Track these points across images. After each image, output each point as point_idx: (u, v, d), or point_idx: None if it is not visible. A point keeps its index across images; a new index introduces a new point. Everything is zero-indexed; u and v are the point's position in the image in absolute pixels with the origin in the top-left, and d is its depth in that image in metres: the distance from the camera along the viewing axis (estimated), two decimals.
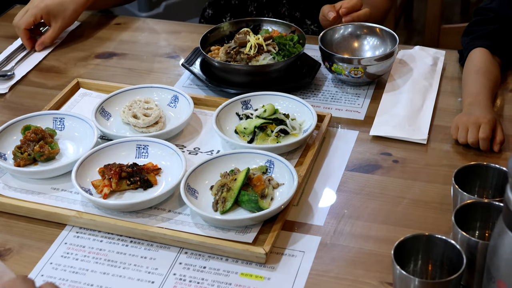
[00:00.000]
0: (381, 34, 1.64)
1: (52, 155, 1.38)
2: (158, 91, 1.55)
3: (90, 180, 1.31)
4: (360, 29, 1.65)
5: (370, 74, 1.55)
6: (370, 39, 1.65)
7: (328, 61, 1.56)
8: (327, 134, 1.46)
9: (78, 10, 1.80)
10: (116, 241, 1.23)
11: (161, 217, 1.26)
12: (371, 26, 1.65)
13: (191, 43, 1.81)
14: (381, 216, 1.26)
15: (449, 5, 3.80)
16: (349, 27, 1.65)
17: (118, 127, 1.48)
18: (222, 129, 1.43)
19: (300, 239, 1.22)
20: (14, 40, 1.86)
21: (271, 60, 1.57)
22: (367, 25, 1.65)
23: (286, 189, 1.28)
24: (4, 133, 1.42)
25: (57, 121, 1.47)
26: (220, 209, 1.24)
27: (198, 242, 1.19)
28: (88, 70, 1.73)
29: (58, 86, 1.66)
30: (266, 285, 1.14)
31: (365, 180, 1.35)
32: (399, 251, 1.06)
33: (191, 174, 1.29)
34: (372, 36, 1.65)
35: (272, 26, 1.70)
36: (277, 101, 1.48)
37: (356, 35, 1.66)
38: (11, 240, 1.24)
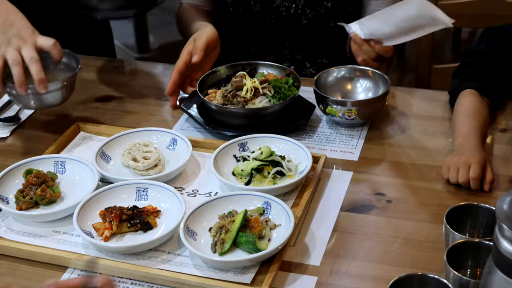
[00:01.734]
0: (373, 76, 1.69)
1: (53, 199, 1.41)
2: (157, 134, 1.59)
3: (91, 223, 1.34)
4: (353, 72, 1.71)
5: (363, 115, 1.60)
6: (363, 82, 1.70)
7: (323, 103, 1.61)
8: (322, 175, 1.50)
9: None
10: (117, 283, 1.26)
11: (161, 259, 1.29)
12: (364, 69, 1.70)
13: None
14: (376, 256, 1.29)
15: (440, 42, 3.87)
16: (342, 70, 1.71)
17: (118, 170, 1.51)
18: (220, 171, 1.46)
19: (297, 279, 1.25)
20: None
21: (267, 103, 1.61)
22: (360, 68, 1.70)
23: (283, 230, 1.31)
24: (6, 177, 1.46)
25: (58, 165, 1.50)
26: (219, 250, 1.27)
27: (197, 283, 1.22)
28: (88, 113, 1.77)
29: (58, 130, 1.70)
30: None
31: (359, 220, 1.38)
32: None
33: (190, 216, 1.32)
34: (365, 79, 1.70)
35: (267, 69, 1.75)
36: (273, 143, 1.52)
37: (349, 78, 1.71)
38: (14, 283, 1.27)
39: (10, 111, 1.78)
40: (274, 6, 1.91)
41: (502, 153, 1.54)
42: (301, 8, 1.90)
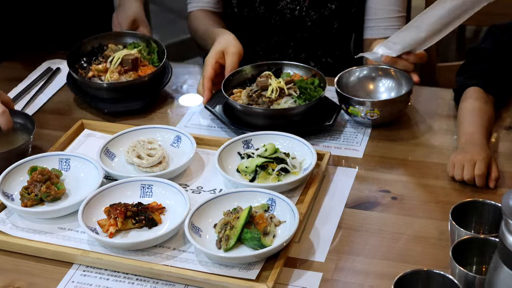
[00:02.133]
0: (396, 76, 1.66)
1: (58, 196, 1.41)
2: (161, 132, 1.59)
3: (96, 220, 1.35)
4: (375, 71, 1.68)
5: (385, 116, 1.58)
6: (385, 81, 1.67)
7: (345, 103, 1.59)
8: (327, 172, 1.50)
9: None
10: (122, 279, 1.26)
11: (166, 255, 1.29)
12: (386, 69, 1.67)
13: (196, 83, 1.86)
14: (381, 252, 1.29)
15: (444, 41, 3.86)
16: (365, 70, 1.68)
17: (122, 167, 1.51)
18: (224, 168, 1.46)
19: (302, 275, 1.25)
20: (18, 83, 1.90)
21: (293, 103, 1.60)
22: (382, 67, 1.67)
23: (288, 226, 1.31)
24: (11, 174, 1.46)
25: (63, 162, 1.50)
26: (224, 246, 1.27)
27: (202, 279, 1.22)
28: (91, 110, 1.77)
29: (62, 127, 1.70)
30: None
31: (364, 217, 1.38)
32: (399, 286, 1.08)
33: (195, 213, 1.32)
34: (387, 78, 1.67)
35: (293, 69, 1.72)
36: (278, 140, 1.52)
37: (372, 77, 1.68)
38: (20, 279, 1.27)
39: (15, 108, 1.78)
40: (278, 8, 1.91)
41: (507, 150, 1.54)
42: (305, 10, 1.90)
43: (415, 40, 1.60)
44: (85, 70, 1.77)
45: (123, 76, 1.71)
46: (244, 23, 1.97)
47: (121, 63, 1.73)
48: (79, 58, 1.79)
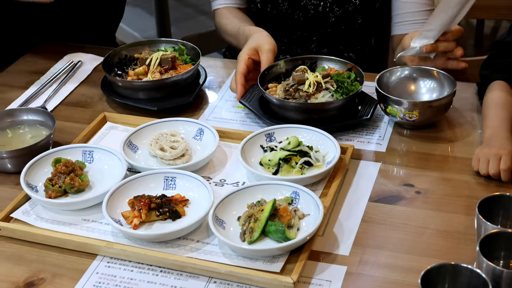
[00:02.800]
0: (438, 77, 1.63)
1: (82, 187, 1.42)
2: (184, 124, 1.59)
3: (120, 211, 1.35)
4: (417, 71, 1.65)
5: (424, 118, 1.55)
6: (427, 82, 1.64)
7: (384, 102, 1.57)
8: (350, 166, 1.49)
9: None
10: (147, 271, 1.26)
11: (190, 247, 1.29)
12: (428, 69, 1.64)
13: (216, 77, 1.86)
14: (405, 246, 1.29)
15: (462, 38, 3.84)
16: (406, 70, 1.65)
17: (145, 160, 1.52)
18: (247, 161, 1.46)
19: (326, 269, 1.25)
20: (41, 76, 1.91)
21: (330, 97, 1.59)
22: (424, 68, 1.64)
23: (312, 219, 1.31)
24: (35, 166, 1.46)
25: (87, 154, 1.51)
26: (248, 239, 1.27)
27: (227, 271, 1.22)
28: (114, 103, 1.77)
29: (84, 120, 1.71)
30: None
31: (388, 211, 1.37)
32: (426, 280, 1.08)
33: (219, 205, 1.32)
34: (429, 79, 1.64)
35: (328, 63, 1.71)
36: (301, 134, 1.52)
37: (413, 78, 1.65)
38: (44, 270, 1.28)
39: (37, 102, 1.79)
40: (302, 4, 1.90)
41: None
42: (329, 6, 1.89)
43: (447, 19, 1.58)
44: (121, 77, 1.77)
45: (164, 75, 1.71)
46: (267, 18, 1.96)
47: (160, 63, 1.73)
48: (110, 69, 1.79)
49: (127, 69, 1.80)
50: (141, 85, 1.71)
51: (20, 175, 1.43)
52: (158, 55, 1.75)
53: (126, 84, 1.72)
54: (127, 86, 1.72)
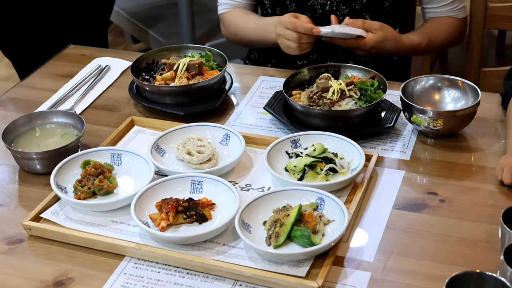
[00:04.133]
0: (462, 86, 1.64)
1: (110, 189, 1.45)
2: (211, 129, 1.61)
3: (148, 214, 1.37)
4: (442, 81, 1.66)
5: (449, 127, 1.56)
6: (452, 92, 1.65)
7: (408, 111, 1.58)
8: (374, 173, 1.51)
9: None
10: (173, 272, 1.28)
11: (216, 250, 1.31)
12: (453, 79, 1.65)
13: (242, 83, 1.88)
14: (429, 254, 1.30)
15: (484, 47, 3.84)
16: (431, 79, 1.67)
17: (172, 163, 1.54)
18: (272, 167, 1.48)
19: (351, 274, 1.26)
20: (69, 79, 1.94)
21: (354, 105, 1.61)
22: (449, 78, 1.66)
23: (337, 225, 1.32)
24: (64, 168, 1.49)
25: (115, 157, 1.53)
26: (273, 243, 1.29)
27: (252, 274, 1.24)
28: (139, 108, 1.80)
29: (112, 123, 1.74)
30: None
31: (412, 219, 1.39)
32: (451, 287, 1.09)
33: (245, 209, 1.34)
34: (454, 89, 1.65)
35: (352, 71, 1.74)
36: (326, 141, 1.54)
37: (438, 87, 1.66)
38: (73, 270, 1.30)
39: (65, 105, 1.82)
40: (309, 5, 1.92)
41: None
42: (336, 5, 1.91)
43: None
44: (149, 81, 1.80)
45: (191, 81, 1.74)
46: None
47: (187, 69, 1.76)
48: (138, 74, 1.82)
49: (155, 74, 1.82)
50: (169, 90, 1.74)
51: (50, 176, 1.47)
52: (185, 60, 1.77)
53: (154, 88, 1.75)
54: (155, 90, 1.75)
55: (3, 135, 1.58)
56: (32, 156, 1.54)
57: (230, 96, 1.83)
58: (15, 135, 1.61)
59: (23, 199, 1.50)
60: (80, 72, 1.98)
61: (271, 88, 1.85)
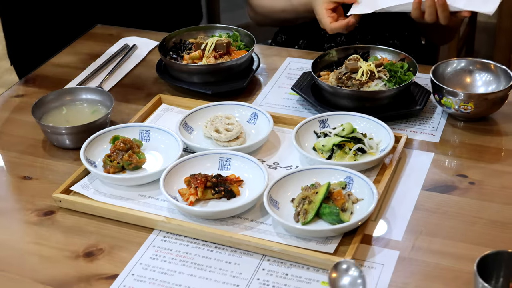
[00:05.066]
0: (495, 70, 1.62)
1: (139, 164, 1.45)
2: (239, 108, 1.61)
3: (176, 188, 1.38)
4: (473, 64, 1.65)
5: (480, 110, 1.54)
6: (483, 75, 1.64)
7: (439, 93, 1.57)
8: (403, 155, 1.50)
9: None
10: (202, 246, 1.29)
11: (244, 226, 1.31)
12: (485, 62, 1.64)
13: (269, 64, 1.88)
14: (458, 235, 1.29)
15: None
16: (462, 62, 1.65)
17: (200, 141, 1.54)
18: (300, 146, 1.48)
19: (379, 252, 1.26)
20: (96, 58, 1.95)
21: (383, 86, 1.60)
22: (481, 61, 1.64)
23: (366, 204, 1.32)
24: (94, 142, 1.50)
25: (143, 133, 1.54)
26: (302, 220, 1.29)
27: (280, 250, 1.24)
28: (166, 87, 1.80)
29: (139, 102, 1.74)
30: None
31: (441, 200, 1.38)
32: (481, 267, 1.09)
33: (274, 186, 1.34)
34: (485, 72, 1.63)
35: (381, 53, 1.73)
36: (355, 121, 1.53)
37: (469, 70, 1.65)
38: (103, 241, 1.31)
39: (93, 83, 1.83)
40: None
41: None
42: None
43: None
44: (176, 60, 1.80)
45: (218, 60, 1.74)
46: None
47: (215, 48, 1.76)
48: (165, 53, 1.83)
49: (182, 53, 1.83)
50: (196, 69, 1.74)
51: (78, 151, 1.48)
52: (213, 40, 1.77)
53: (182, 67, 1.75)
54: (182, 69, 1.75)
55: (33, 109, 1.59)
56: (61, 131, 1.55)
57: (257, 76, 1.83)
58: (44, 110, 1.63)
59: (53, 173, 1.51)
60: (108, 51, 1.99)
61: (298, 69, 1.85)
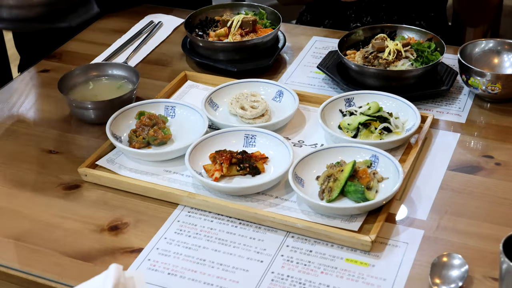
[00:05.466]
0: None
1: (165, 140, 1.46)
2: (264, 86, 1.61)
3: (201, 164, 1.38)
4: (501, 45, 1.63)
5: (508, 91, 1.53)
6: (511, 56, 1.62)
7: (466, 74, 1.56)
8: (429, 135, 1.49)
9: None
10: (226, 222, 1.29)
11: (268, 203, 1.31)
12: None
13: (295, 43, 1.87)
14: (484, 215, 1.29)
15: None
16: (490, 43, 1.64)
17: (225, 118, 1.54)
18: (326, 124, 1.48)
19: (404, 231, 1.26)
20: (122, 34, 1.95)
21: (410, 66, 1.59)
22: (509, 42, 1.63)
23: (391, 183, 1.32)
24: (120, 118, 1.51)
25: (169, 109, 1.54)
26: (326, 197, 1.29)
27: (305, 227, 1.24)
28: (192, 64, 1.80)
29: (164, 78, 1.75)
30: (371, 272, 1.18)
31: (467, 180, 1.37)
32: (507, 247, 1.08)
33: (299, 164, 1.34)
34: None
35: (408, 33, 1.71)
36: (381, 100, 1.52)
37: (497, 51, 1.63)
38: (128, 215, 1.32)
39: (118, 59, 1.84)
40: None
41: None
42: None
43: None
44: (202, 37, 1.79)
45: (244, 38, 1.74)
46: None
47: (241, 25, 1.75)
48: (191, 30, 1.82)
49: (208, 31, 1.82)
50: (222, 46, 1.74)
51: (103, 126, 1.48)
52: (239, 17, 1.77)
53: (207, 44, 1.75)
54: (208, 46, 1.75)
55: (59, 84, 1.60)
56: (87, 106, 1.56)
57: (283, 55, 1.83)
58: (70, 85, 1.63)
59: (78, 148, 1.52)
60: (133, 28, 1.99)
61: (324, 48, 1.84)
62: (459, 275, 1.14)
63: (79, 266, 1.22)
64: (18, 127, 1.59)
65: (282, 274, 1.18)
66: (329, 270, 1.18)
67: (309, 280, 1.17)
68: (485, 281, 1.15)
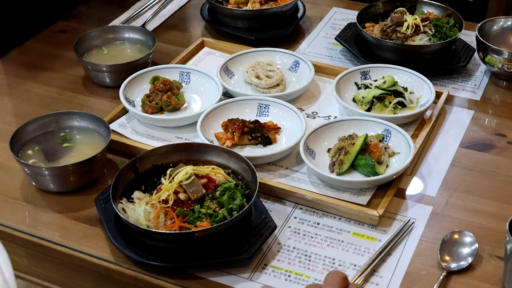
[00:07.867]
0: None
1: (178, 106, 1.46)
2: (281, 55, 1.60)
3: (213, 132, 1.39)
4: None
5: None
6: None
7: (483, 51, 1.55)
8: (443, 111, 1.49)
9: None
10: None
11: (278, 173, 1.32)
12: None
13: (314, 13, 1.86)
14: (493, 194, 1.28)
15: None
16: (509, 21, 1.63)
17: (240, 86, 1.54)
18: (340, 96, 1.47)
19: (412, 207, 1.26)
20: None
21: (427, 41, 1.58)
22: None
23: (402, 158, 1.31)
24: (134, 82, 1.51)
25: (184, 75, 1.54)
26: (337, 170, 1.29)
27: (313, 199, 1.25)
28: (210, 31, 1.79)
29: (181, 43, 1.75)
30: (377, 246, 1.18)
31: (478, 158, 1.37)
32: None
33: (310, 135, 1.34)
34: None
35: (428, 7, 1.70)
36: (397, 74, 1.51)
37: None
38: None
39: (137, 22, 1.84)
40: None
41: None
42: None
43: None
44: (222, 4, 1.78)
45: (264, 6, 1.73)
46: None
47: None
48: None
49: None
50: (241, 13, 1.73)
51: (118, 90, 1.49)
52: None
53: (226, 11, 1.74)
54: (227, 13, 1.74)
55: (75, 46, 1.61)
56: (102, 69, 1.56)
57: (301, 25, 1.81)
58: (86, 47, 1.64)
59: (91, 110, 1.52)
60: None
61: (343, 19, 1.83)
62: (469, 252, 1.15)
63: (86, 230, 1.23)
64: (32, 87, 1.60)
65: (288, 245, 1.19)
66: (336, 243, 1.19)
67: (315, 253, 1.17)
68: (491, 259, 1.15)
